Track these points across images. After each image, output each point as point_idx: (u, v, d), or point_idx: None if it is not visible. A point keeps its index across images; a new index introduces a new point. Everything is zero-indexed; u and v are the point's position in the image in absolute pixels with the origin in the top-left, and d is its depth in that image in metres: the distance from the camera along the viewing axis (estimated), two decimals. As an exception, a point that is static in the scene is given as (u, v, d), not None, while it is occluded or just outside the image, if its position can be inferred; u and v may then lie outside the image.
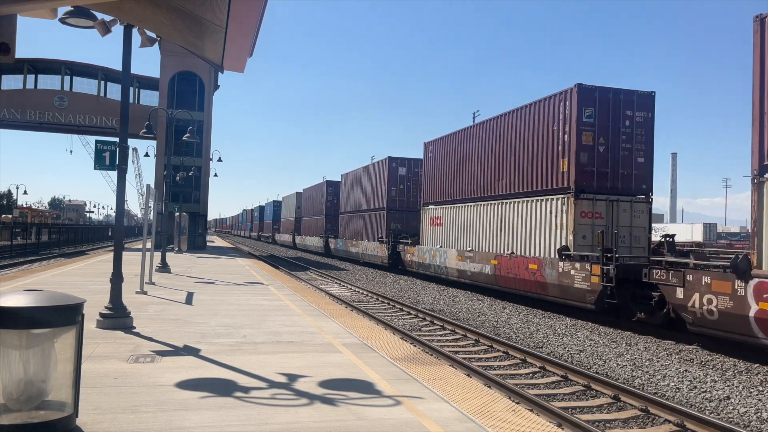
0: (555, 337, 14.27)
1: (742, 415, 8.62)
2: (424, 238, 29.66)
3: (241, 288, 16.39)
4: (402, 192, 35.83)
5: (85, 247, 49.24)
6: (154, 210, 17.74)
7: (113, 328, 9.07)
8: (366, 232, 39.23)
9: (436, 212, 28.42)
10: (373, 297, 21.71)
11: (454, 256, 25.31)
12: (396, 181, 35.97)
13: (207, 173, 42.08)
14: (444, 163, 27.99)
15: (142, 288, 13.92)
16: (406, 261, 31.14)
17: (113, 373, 6.50)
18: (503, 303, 20.63)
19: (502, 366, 11.29)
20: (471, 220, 24.73)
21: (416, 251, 29.71)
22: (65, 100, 42.17)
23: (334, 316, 11.44)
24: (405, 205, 35.73)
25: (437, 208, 28.26)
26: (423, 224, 29.95)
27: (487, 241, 23.24)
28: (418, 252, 29.36)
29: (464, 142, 26.05)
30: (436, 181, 28.70)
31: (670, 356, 12.28)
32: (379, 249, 35.00)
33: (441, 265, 26.64)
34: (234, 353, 7.72)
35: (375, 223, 37.60)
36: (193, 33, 5.47)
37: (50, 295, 4.09)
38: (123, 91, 9.71)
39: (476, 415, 5.45)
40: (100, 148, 38.98)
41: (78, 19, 7.89)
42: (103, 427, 4.74)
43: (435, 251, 27.46)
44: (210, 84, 42.45)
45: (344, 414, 5.31)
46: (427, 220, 29.39)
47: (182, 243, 36.26)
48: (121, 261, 9.59)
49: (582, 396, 9.32)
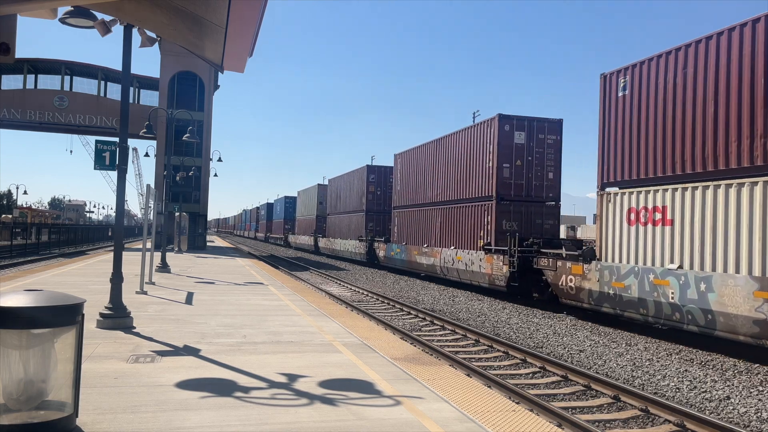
0: (555, 337, 14.27)
1: (742, 415, 8.62)
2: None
3: (241, 288, 16.39)
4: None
5: (85, 247, 49.25)
6: (154, 210, 17.74)
7: (113, 328, 9.08)
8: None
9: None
10: (373, 297, 21.71)
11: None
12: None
13: (207, 173, 42.09)
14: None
15: (142, 288, 13.92)
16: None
17: (113, 373, 6.50)
18: (503, 303, 20.64)
19: (502, 366, 11.29)
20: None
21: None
22: (65, 100, 42.17)
23: (334, 316, 11.44)
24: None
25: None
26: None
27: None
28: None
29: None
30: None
31: (670, 356, 12.28)
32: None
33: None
34: (234, 353, 7.72)
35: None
36: (193, 33, 5.47)
37: (50, 295, 4.09)
38: (123, 91, 9.71)
39: (476, 415, 5.45)
40: (100, 148, 39.00)
41: (78, 19, 7.89)
42: (103, 427, 4.74)
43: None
44: (210, 84, 42.46)
45: (344, 414, 5.31)
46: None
47: (182, 243, 36.27)
48: (121, 261, 9.59)
49: (582, 396, 9.32)
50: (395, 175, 34.56)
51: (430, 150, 30.38)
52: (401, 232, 32.76)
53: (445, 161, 28.18)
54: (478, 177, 24.19)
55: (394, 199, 34.32)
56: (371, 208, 38.93)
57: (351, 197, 42.66)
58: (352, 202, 42.12)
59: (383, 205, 38.51)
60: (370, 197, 38.83)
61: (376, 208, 38.86)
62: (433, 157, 29.72)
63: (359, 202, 40.29)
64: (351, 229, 42.03)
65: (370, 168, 39.49)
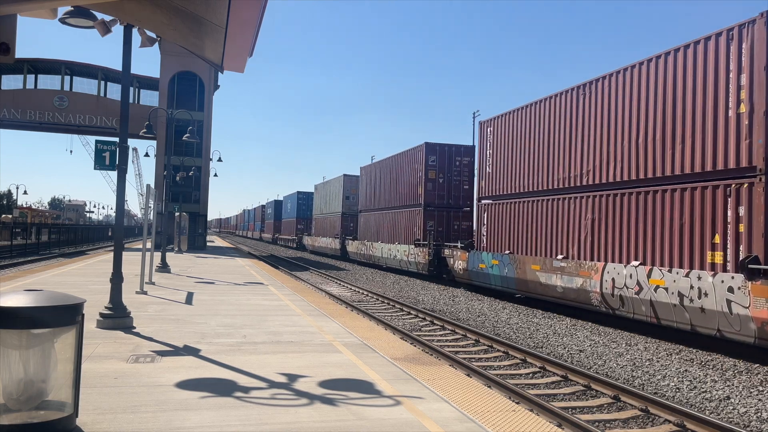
0: (555, 336, 14.27)
1: (742, 415, 8.62)
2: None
3: (241, 288, 16.39)
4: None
5: (85, 247, 49.27)
6: (154, 210, 17.75)
7: (113, 328, 9.07)
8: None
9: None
10: (373, 296, 21.71)
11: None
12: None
13: (207, 173, 42.10)
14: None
15: (142, 288, 13.92)
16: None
17: (113, 373, 6.50)
18: (503, 303, 20.64)
19: (502, 366, 11.29)
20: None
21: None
22: (65, 100, 42.18)
23: (333, 316, 11.44)
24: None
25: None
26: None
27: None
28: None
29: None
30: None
31: (670, 356, 12.28)
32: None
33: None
34: (234, 353, 7.72)
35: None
36: (193, 33, 5.47)
37: (50, 295, 4.09)
38: (123, 91, 9.71)
39: (476, 415, 5.44)
40: (100, 148, 39.00)
41: (78, 19, 7.89)
42: (103, 427, 4.74)
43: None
44: (210, 84, 42.46)
45: (344, 414, 5.31)
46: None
47: (182, 243, 36.27)
48: (121, 261, 9.59)
49: (582, 396, 9.32)
50: (483, 151, 24.68)
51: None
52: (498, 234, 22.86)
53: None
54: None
55: (482, 188, 24.58)
56: (430, 201, 29.93)
57: (398, 188, 34.23)
58: (401, 194, 33.59)
59: (448, 197, 30.18)
60: (429, 187, 30.03)
61: (438, 201, 29.92)
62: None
63: (412, 195, 31.62)
64: (397, 230, 33.68)
65: (430, 147, 30.07)
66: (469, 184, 30.09)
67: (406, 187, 32.57)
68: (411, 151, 32.02)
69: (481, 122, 24.90)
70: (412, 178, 31.49)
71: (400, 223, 33.19)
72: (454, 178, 30.17)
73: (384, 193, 36.82)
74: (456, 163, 30.19)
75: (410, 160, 31.89)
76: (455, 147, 30.24)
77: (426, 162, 29.89)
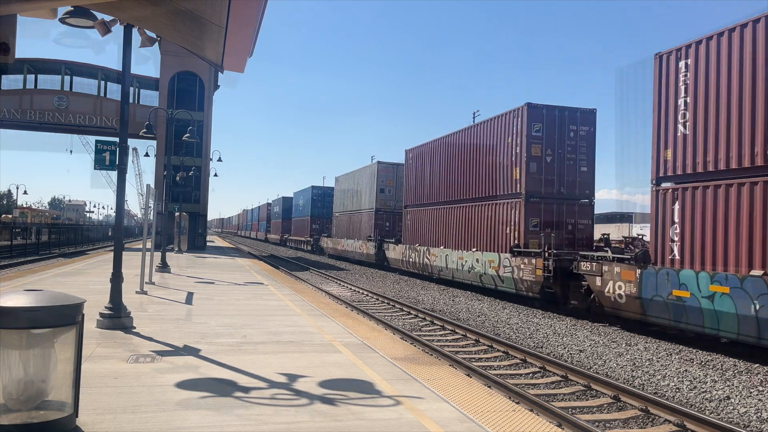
0: (555, 337, 14.26)
1: (742, 415, 8.62)
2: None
3: (241, 288, 16.39)
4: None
5: (85, 247, 49.25)
6: (154, 210, 17.74)
7: (113, 328, 9.07)
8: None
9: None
10: (373, 297, 21.71)
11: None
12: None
13: (207, 173, 42.10)
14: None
15: (142, 288, 13.91)
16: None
17: (113, 373, 6.50)
18: (503, 303, 20.63)
19: (502, 366, 11.29)
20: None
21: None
22: (65, 100, 42.17)
23: (334, 316, 11.44)
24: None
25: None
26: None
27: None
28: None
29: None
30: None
31: (670, 356, 12.28)
32: None
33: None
34: (234, 353, 7.71)
35: None
36: (193, 33, 5.47)
37: (50, 295, 4.08)
38: (123, 91, 9.70)
39: (476, 416, 5.44)
40: (100, 148, 39.03)
41: (78, 19, 7.88)
42: (103, 427, 4.74)
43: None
44: (210, 84, 42.47)
45: (344, 414, 5.31)
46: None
47: (182, 243, 36.26)
48: (120, 261, 9.58)
49: (582, 396, 9.32)
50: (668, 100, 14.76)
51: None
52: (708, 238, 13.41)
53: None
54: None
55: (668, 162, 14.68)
56: (534, 189, 20.70)
57: (475, 173, 24.67)
58: (481, 181, 24.11)
59: (559, 184, 21.02)
60: (533, 168, 20.71)
61: (545, 190, 20.87)
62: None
63: (503, 181, 22.21)
64: (474, 231, 24.22)
65: (535, 111, 20.82)
66: (588, 166, 21.27)
67: (493, 170, 22.89)
68: (501, 119, 22.37)
69: (659, 55, 15.13)
70: (504, 157, 21.97)
71: (480, 222, 23.59)
72: (568, 157, 20.97)
73: (449, 182, 27.15)
74: (570, 134, 20.97)
75: (500, 131, 22.39)
76: (568, 111, 21.06)
77: (528, 132, 20.56)
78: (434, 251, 27.61)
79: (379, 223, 37.55)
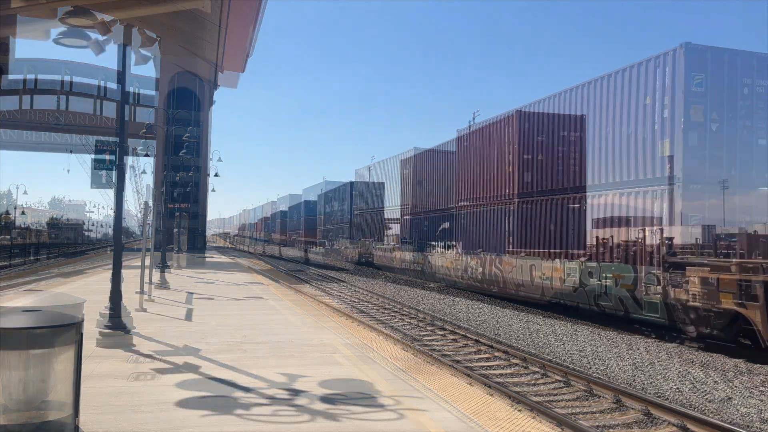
0: (556, 340, 14.23)
1: (743, 416, 8.59)
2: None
3: (241, 302, 15.89)
4: None
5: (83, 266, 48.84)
6: (153, 225, 17.41)
7: (113, 347, 8.76)
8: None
9: None
10: (373, 297, 21.67)
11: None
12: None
13: (206, 173, 41.98)
14: None
15: (141, 305, 13.50)
16: None
17: (113, 391, 6.31)
18: (503, 306, 20.59)
19: (503, 369, 11.26)
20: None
21: None
22: (65, 100, 42.19)
23: (334, 327, 11.28)
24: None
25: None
26: None
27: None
28: None
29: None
30: None
31: (671, 358, 12.25)
32: None
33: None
34: (235, 369, 7.51)
35: None
36: (192, 33, 5.45)
37: (49, 314, 4.02)
38: (122, 91, 9.66)
39: (479, 422, 5.40)
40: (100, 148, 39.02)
41: (78, 19, 7.84)
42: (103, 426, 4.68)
43: None
44: (210, 84, 42.43)
45: (346, 426, 5.22)
46: None
47: (181, 260, 36.00)
48: (120, 278, 9.32)
49: (584, 399, 9.28)
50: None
51: None
52: None
53: None
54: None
55: None
56: (694, 170, 15.09)
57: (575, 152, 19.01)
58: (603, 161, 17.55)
59: (730, 163, 15.47)
60: (693, 141, 15.11)
61: (711, 172, 15.16)
62: None
63: (644, 161, 15.90)
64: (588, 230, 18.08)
65: (695, 54, 14.72)
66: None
67: (618, 144, 16.33)
68: (635, 69, 15.79)
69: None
70: (638, 126, 15.49)
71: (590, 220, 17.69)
72: (740, 123, 14.79)
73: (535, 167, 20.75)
74: (744, 90, 14.68)
75: (632, 87, 15.74)
76: (742, 56, 14.95)
77: (686, 86, 14.13)
78: (509, 260, 20.79)
79: (416, 222, 29.32)
